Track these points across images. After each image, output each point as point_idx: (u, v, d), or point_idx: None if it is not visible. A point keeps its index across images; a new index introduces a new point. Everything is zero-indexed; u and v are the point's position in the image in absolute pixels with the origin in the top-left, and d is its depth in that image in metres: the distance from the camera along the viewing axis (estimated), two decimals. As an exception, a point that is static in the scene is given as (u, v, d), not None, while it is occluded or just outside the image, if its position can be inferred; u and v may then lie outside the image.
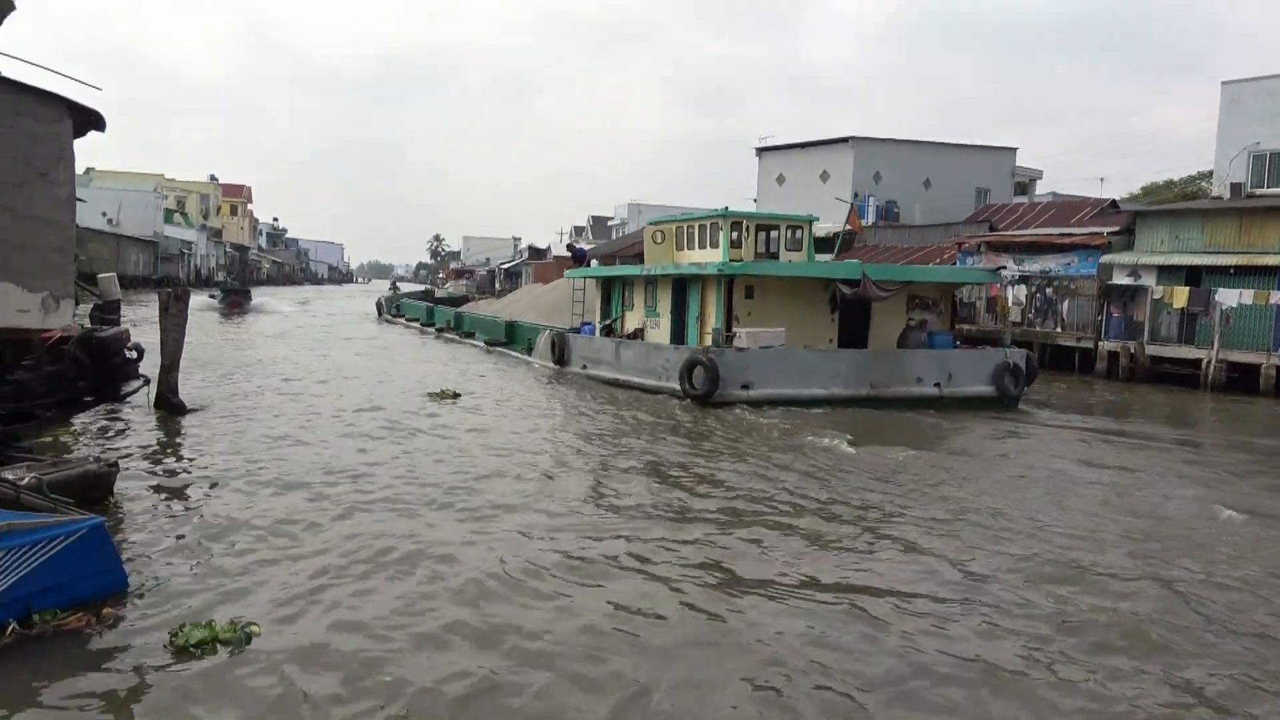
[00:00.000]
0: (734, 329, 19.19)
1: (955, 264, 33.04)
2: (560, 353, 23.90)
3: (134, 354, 11.61)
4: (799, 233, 22.35)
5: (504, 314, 34.43)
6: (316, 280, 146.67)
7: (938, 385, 19.30)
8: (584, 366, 22.73)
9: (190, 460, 11.43)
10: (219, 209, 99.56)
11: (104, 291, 20.29)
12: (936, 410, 18.42)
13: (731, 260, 20.40)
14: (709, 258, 21.24)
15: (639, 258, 26.99)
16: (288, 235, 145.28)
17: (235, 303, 48.09)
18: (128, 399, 11.99)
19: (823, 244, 42.17)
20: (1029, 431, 16.84)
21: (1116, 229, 30.02)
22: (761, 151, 49.04)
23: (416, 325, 41.44)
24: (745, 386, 17.97)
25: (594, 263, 31.56)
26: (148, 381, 12.20)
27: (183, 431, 13.16)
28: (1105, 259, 28.90)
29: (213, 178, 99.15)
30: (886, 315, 20.96)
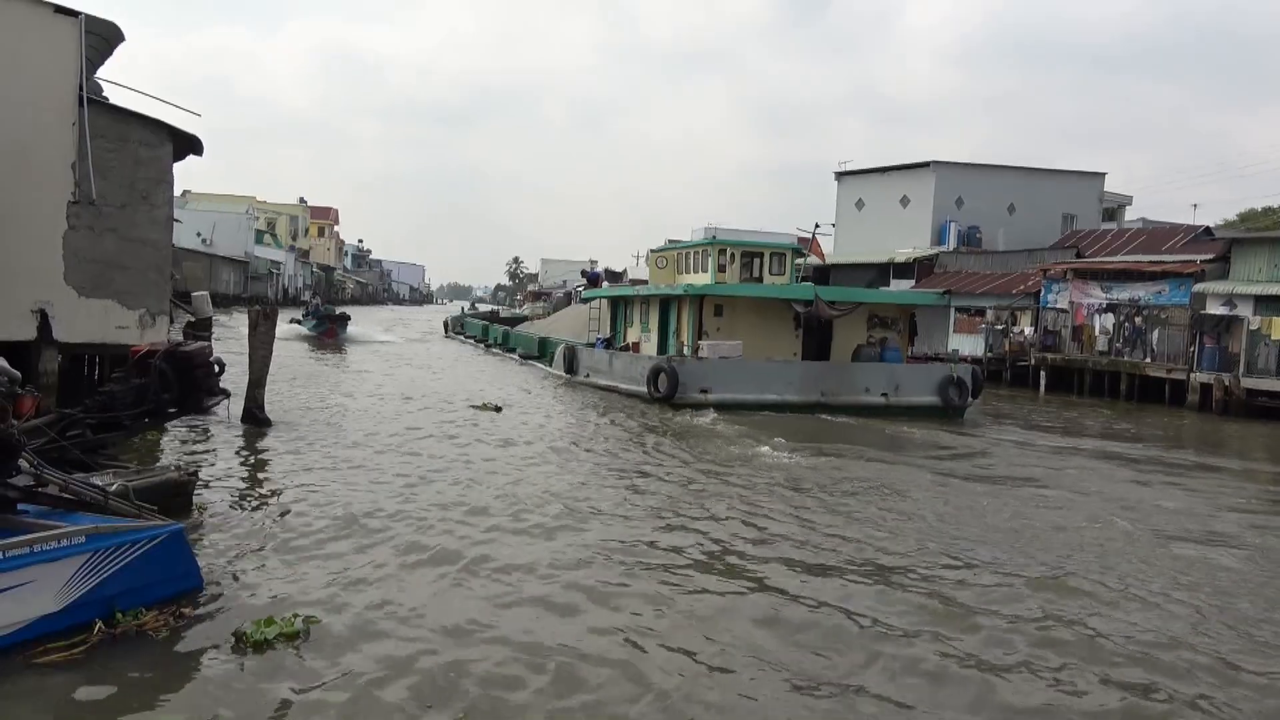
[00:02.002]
0: (700, 341, 21.81)
1: (1040, 291, 32.47)
2: (570, 363, 27.18)
3: (216, 368, 11.97)
4: (782, 259, 24.78)
5: (542, 331, 37.61)
6: (398, 300, 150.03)
7: (884, 395, 21.20)
8: (587, 375, 25.73)
9: (268, 471, 11.83)
10: (307, 230, 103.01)
11: (197, 309, 21.26)
12: (882, 417, 20.08)
13: (718, 283, 23.27)
14: (700, 280, 23.91)
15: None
16: (372, 256, 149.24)
17: (330, 331, 39.54)
18: (211, 411, 12.37)
19: (903, 269, 41.78)
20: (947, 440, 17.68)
21: (1211, 257, 28.91)
22: (840, 176, 48.58)
23: (473, 341, 45.63)
24: (704, 391, 20.20)
25: (605, 284, 35.98)
26: (229, 395, 12.59)
27: (264, 444, 13.59)
28: (1199, 288, 27.80)
29: (302, 200, 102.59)
30: (849, 332, 23.10)
